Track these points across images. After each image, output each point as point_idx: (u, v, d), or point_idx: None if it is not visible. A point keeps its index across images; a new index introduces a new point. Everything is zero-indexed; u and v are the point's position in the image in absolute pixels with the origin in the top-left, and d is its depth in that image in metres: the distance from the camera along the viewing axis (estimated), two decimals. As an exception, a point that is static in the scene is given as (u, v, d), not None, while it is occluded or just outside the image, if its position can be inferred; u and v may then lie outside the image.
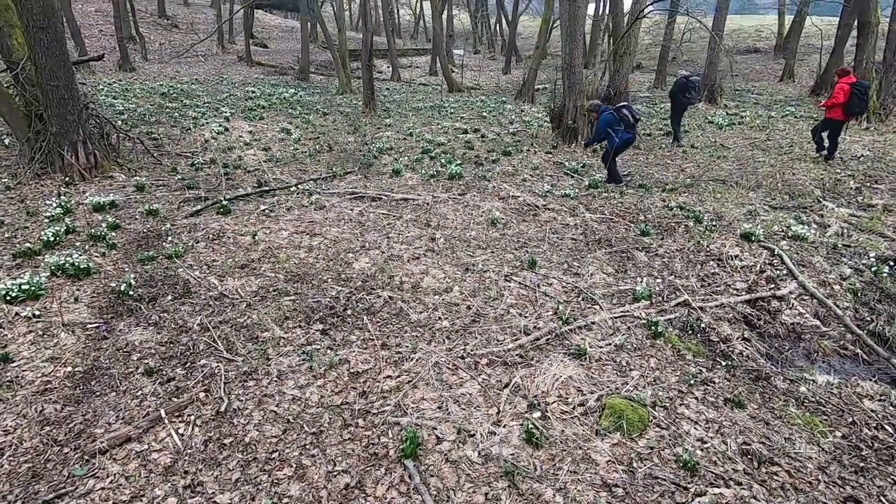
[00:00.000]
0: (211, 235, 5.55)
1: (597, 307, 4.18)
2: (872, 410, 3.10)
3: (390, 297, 4.28)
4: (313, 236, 5.59)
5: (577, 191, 7.39)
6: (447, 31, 29.26)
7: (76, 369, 3.33)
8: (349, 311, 4.09)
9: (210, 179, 7.71)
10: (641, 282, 4.44)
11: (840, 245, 5.58)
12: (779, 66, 27.40)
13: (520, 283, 4.55)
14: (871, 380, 3.45)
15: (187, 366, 3.39)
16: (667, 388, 3.16)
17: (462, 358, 3.40)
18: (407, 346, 3.54)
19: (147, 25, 27.84)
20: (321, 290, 4.44)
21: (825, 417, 3.02)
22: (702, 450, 2.65)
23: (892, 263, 5.10)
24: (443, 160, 9.22)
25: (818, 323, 4.14)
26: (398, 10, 40.34)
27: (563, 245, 5.53)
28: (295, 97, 17.70)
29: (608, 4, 24.60)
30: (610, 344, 3.62)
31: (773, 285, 4.59)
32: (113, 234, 5.46)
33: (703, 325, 3.95)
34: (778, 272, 4.83)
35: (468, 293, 4.36)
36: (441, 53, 23.09)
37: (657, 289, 4.43)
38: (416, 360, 3.37)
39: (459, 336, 3.72)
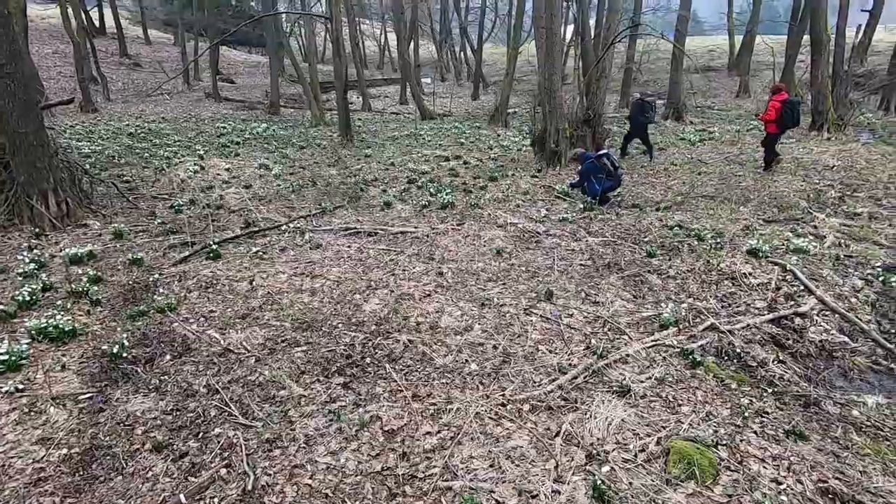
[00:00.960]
0: (204, 284, 5.20)
1: (625, 337, 4.04)
2: (930, 431, 3.01)
3: (410, 341, 4.03)
4: (314, 278, 5.31)
5: (573, 214, 7.34)
6: (415, 60, 29.61)
7: (72, 451, 2.94)
8: (368, 360, 3.82)
9: (194, 222, 7.33)
10: (666, 307, 4.33)
11: (842, 256, 5.65)
12: (733, 83, 28.74)
13: (541, 316, 4.38)
14: (915, 396, 3.39)
15: (200, 437, 3.05)
16: (721, 423, 3.01)
17: (503, 405, 3.17)
18: (441, 397, 3.29)
19: (109, 65, 27.21)
20: (333, 337, 4.16)
21: (888, 443, 2.91)
22: (780, 493, 2.48)
23: (897, 272, 5.17)
24: (431, 189, 9.09)
25: (846, 339, 4.10)
26: (363, 42, 40.77)
27: (574, 272, 5.41)
28: (268, 132, 17.42)
29: (574, 30, 25.43)
30: (650, 377, 3.46)
31: (792, 302, 4.55)
32: (95, 288, 5.04)
33: (737, 350, 3.85)
34: (794, 288, 4.81)
35: (490, 331, 4.16)
36: (412, 82, 23.30)
37: (682, 313, 4.32)
38: (455, 411, 3.12)
39: (492, 380, 3.49)
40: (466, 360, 3.74)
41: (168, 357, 3.92)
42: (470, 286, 5.05)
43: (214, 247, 6.01)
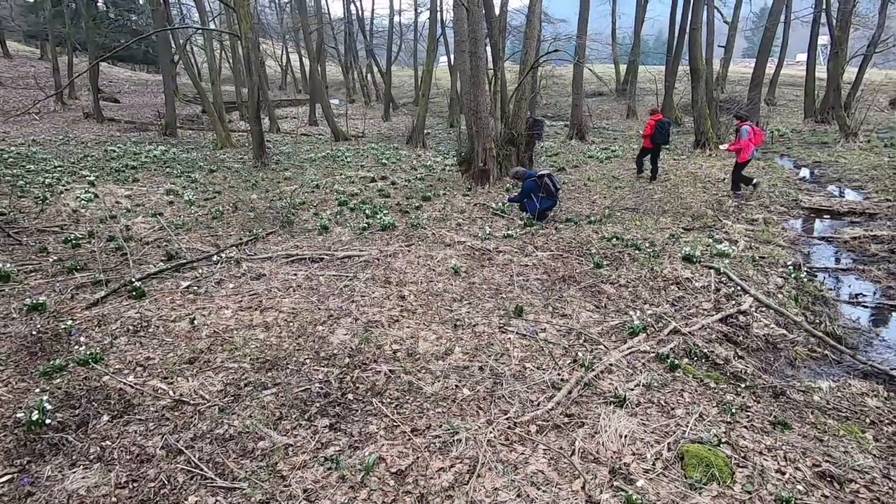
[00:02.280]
0: (131, 327, 4.51)
1: (602, 347, 4.13)
2: (878, 407, 3.41)
3: (391, 371, 3.78)
4: (264, 311, 4.84)
5: (516, 230, 7.50)
6: (323, 81, 29.04)
7: (1, 552, 2.33)
8: (350, 396, 3.52)
9: (101, 257, 6.40)
10: (634, 315, 4.51)
11: (757, 257, 6.33)
12: (622, 107, 31.72)
13: (517, 332, 4.36)
14: (854, 377, 3.83)
15: (173, 510, 2.57)
16: (714, 421, 3.15)
17: (510, 429, 3.06)
18: (443, 427, 3.10)
19: (-43, 80, 23.43)
20: (304, 375, 3.78)
21: (850, 422, 3.24)
22: (786, 482, 2.63)
23: (805, 270, 5.90)
24: (367, 211, 8.83)
25: (784, 331, 4.56)
26: (264, 62, 39.22)
27: (533, 287, 5.49)
28: (168, 155, 15.96)
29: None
30: (638, 384, 3.55)
31: (733, 302, 4.99)
32: (-12, 343, 4.17)
33: (703, 351, 4.10)
34: (731, 289, 5.28)
35: (472, 352, 4.04)
36: (324, 102, 22.76)
37: (648, 320, 4.53)
38: (464, 441, 2.95)
39: (490, 404, 3.37)
40: (457, 386, 3.59)
41: (106, 418, 3.30)
42: (436, 308, 4.90)
43: (137, 284, 5.27)
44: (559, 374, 3.68)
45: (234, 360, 4.00)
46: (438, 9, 22.03)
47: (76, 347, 4.11)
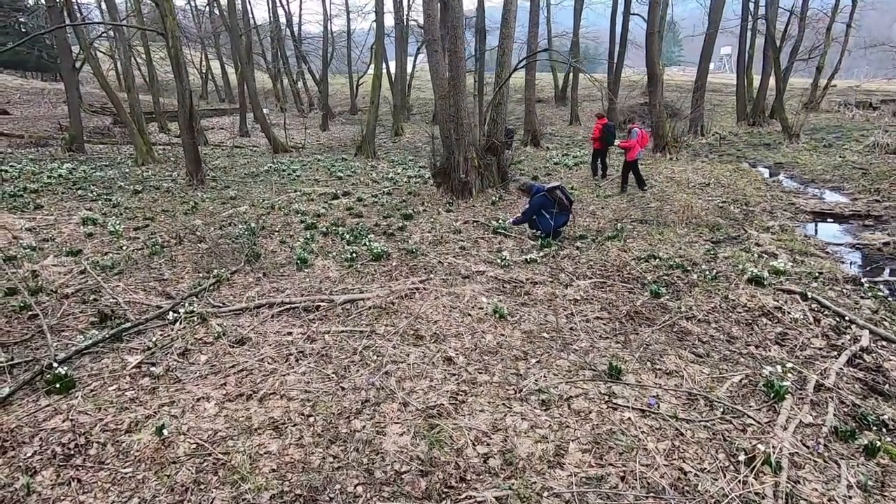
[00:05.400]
0: (59, 449, 2.90)
1: (751, 422, 3.11)
2: None
3: (499, 500, 2.52)
4: (265, 399, 3.39)
5: (538, 254, 6.43)
6: (254, 88, 26.70)
7: None
8: (455, 557, 2.23)
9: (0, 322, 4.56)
10: (767, 370, 3.53)
11: (816, 273, 5.68)
12: (563, 113, 31.97)
13: (632, 408, 3.24)
14: None
15: None
16: None
17: None
18: None
19: None
20: (364, 518, 2.43)
21: None
22: None
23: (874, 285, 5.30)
24: (347, 236, 7.41)
25: (923, 372, 3.80)
26: (182, 68, 35.85)
27: (598, 329, 4.42)
28: (77, 173, 13.48)
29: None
30: (851, 488, 2.56)
31: (848, 337, 4.19)
32: None
33: (880, 416, 3.20)
34: (829, 319, 4.51)
35: (593, 449, 2.87)
36: (259, 111, 20.69)
37: (787, 375, 3.57)
38: None
39: (678, 550, 2.22)
40: (608, 517, 2.40)
41: None
42: (499, 373, 3.68)
43: (59, 369, 3.60)
44: (741, 481, 2.60)
45: (242, 498, 2.56)
46: (381, 11, 20.73)
47: (-36, 507, 2.49)
